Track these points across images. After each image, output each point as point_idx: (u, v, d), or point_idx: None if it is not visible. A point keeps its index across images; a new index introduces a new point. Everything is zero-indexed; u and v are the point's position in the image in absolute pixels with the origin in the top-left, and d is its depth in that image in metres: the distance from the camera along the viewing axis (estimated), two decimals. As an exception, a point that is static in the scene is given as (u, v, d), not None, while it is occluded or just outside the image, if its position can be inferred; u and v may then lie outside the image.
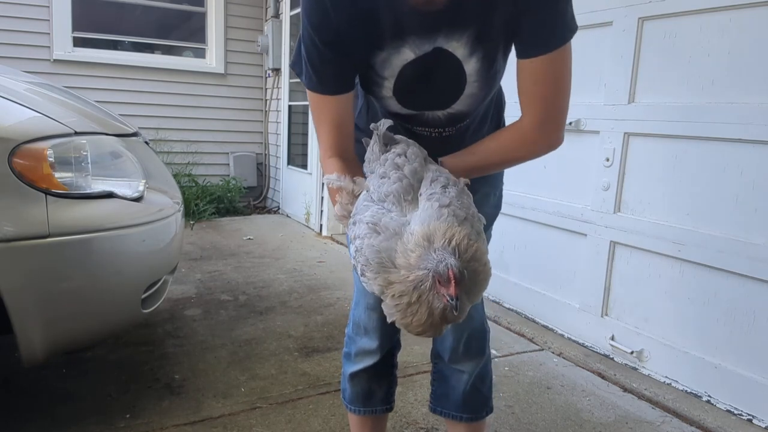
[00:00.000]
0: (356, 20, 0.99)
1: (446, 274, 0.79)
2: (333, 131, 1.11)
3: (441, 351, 1.35)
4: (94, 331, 1.77)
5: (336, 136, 1.11)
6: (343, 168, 1.08)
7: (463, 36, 0.99)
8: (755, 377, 1.92)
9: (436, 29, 0.99)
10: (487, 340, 1.37)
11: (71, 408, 1.91)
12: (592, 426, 1.94)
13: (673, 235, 2.16)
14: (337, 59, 1.03)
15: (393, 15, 0.99)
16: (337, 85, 1.07)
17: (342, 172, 1.07)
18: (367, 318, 1.31)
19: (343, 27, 0.99)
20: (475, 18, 0.98)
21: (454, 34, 0.99)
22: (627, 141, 2.33)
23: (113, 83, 5.21)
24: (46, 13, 4.93)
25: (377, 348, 1.33)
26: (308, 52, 1.04)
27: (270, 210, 5.97)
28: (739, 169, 1.95)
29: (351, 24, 0.99)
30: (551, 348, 2.55)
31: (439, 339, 1.34)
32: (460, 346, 1.31)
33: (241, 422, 1.87)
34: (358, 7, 0.98)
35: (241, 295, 3.13)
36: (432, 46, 1.02)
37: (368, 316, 1.31)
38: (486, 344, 1.37)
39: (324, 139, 1.12)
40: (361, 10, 0.98)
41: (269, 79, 5.87)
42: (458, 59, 1.03)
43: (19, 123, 1.59)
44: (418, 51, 1.02)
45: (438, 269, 0.79)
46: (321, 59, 1.03)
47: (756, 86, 1.89)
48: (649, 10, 2.21)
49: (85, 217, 1.62)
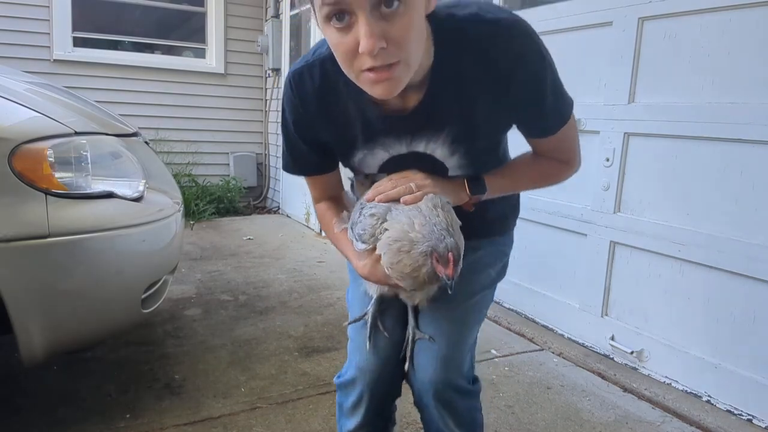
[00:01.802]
0: (327, 121, 0.99)
1: (446, 255, 0.82)
2: (319, 188, 1.15)
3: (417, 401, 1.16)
4: (94, 331, 1.77)
5: (323, 192, 1.15)
6: (333, 207, 1.13)
7: (440, 137, 0.96)
8: (755, 377, 1.92)
9: (407, 133, 0.97)
10: (475, 406, 1.17)
11: (71, 408, 1.91)
12: (592, 426, 1.94)
13: (673, 235, 2.16)
14: (312, 151, 1.06)
15: (362, 118, 0.96)
16: (314, 171, 1.11)
17: (332, 213, 1.12)
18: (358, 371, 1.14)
19: (316, 125, 1.01)
20: (449, 119, 0.94)
21: (429, 137, 0.96)
22: (627, 141, 2.33)
23: (113, 83, 5.21)
24: (46, 13, 4.93)
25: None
26: (286, 140, 1.08)
27: (270, 210, 5.97)
28: (739, 169, 1.95)
29: (322, 125, 1.00)
30: (551, 348, 2.55)
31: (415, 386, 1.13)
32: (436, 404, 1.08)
33: (241, 422, 1.87)
34: (328, 109, 0.97)
35: (241, 295, 3.13)
36: (407, 149, 0.99)
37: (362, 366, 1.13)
38: (476, 412, 1.17)
39: (312, 193, 1.17)
40: (331, 112, 0.97)
41: (269, 79, 5.87)
42: (438, 159, 1.01)
43: (19, 123, 1.59)
44: (393, 152, 1.01)
45: (438, 248, 0.83)
46: (299, 149, 1.06)
47: (756, 86, 1.89)
48: (649, 10, 2.21)
49: (85, 217, 1.62)
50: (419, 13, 0.78)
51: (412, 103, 0.92)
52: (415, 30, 0.78)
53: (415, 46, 0.79)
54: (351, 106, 0.95)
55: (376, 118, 0.95)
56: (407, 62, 0.79)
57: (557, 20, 2.61)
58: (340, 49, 0.78)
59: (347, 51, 0.76)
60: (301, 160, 1.09)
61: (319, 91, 0.95)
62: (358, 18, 0.73)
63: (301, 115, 1.00)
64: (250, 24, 5.83)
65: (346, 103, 0.95)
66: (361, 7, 0.71)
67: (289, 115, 1.02)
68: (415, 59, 0.81)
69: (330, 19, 0.75)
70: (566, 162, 1.07)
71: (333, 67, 0.90)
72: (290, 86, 0.98)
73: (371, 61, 0.75)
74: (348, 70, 0.81)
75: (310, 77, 0.95)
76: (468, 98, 0.91)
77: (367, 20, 0.72)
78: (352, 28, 0.74)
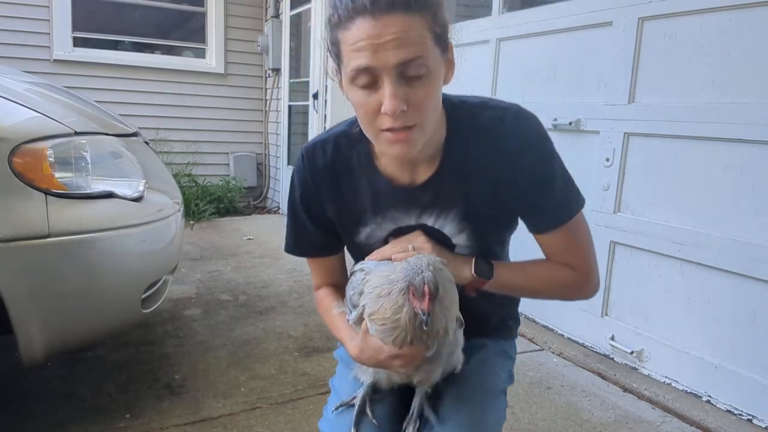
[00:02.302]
0: (336, 195, 1.00)
1: (421, 288, 0.78)
2: (321, 273, 1.13)
3: None
4: (94, 331, 1.77)
5: (325, 277, 1.12)
6: (333, 293, 1.09)
7: (449, 213, 0.97)
8: (755, 377, 1.92)
9: (417, 206, 0.97)
10: None
11: (71, 408, 1.91)
12: (592, 426, 1.94)
13: (673, 235, 2.16)
14: (317, 229, 1.05)
15: (372, 191, 0.98)
16: (318, 250, 1.10)
17: (332, 297, 1.08)
18: None
19: (324, 199, 1.01)
20: (457, 196, 0.96)
21: (439, 212, 0.97)
22: (627, 141, 2.33)
23: (113, 83, 5.21)
24: (46, 13, 4.93)
25: None
26: (291, 217, 1.07)
27: (270, 210, 5.97)
28: (739, 169, 1.95)
29: (331, 198, 1.01)
30: (551, 348, 2.55)
31: None
32: None
33: (241, 422, 1.87)
34: (338, 182, 1.00)
35: (241, 295, 3.13)
36: (416, 222, 0.99)
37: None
38: None
39: (314, 279, 1.14)
40: (341, 185, 1.00)
41: (269, 79, 5.87)
42: (446, 235, 1.00)
43: (19, 123, 1.59)
44: (401, 224, 1.00)
45: (414, 281, 0.78)
46: (303, 226, 1.06)
47: (756, 86, 1.89)
48: (649, 10, 2.21)
49: (85, 217, 1.62)
50: (439, 83, 0.86)
51: (423, 178, 0.96)
52: (434, 98, 0.85)
53: (432, 114, 0.86)
54: (362, 179, 0.99)
55: (387, 190, 0.97)
56: (423, 127, 0.84)
57: (557, 20, 2.60)
58: (363, 109, 0.84)
59: (370, 111, 0.83)
60: (305, 238, 1.08)
61: (331, 164, 1.00)
62: (384, 81, 0.80)
63: (311, 189, 1.02)
64: (250, 24, 5.83)
65: (357, 177, 0.99)
66: (388, 72, 0.79)
67: (298, 188, 1.04)
68: (430, 126, 0.87)
69: (356, 80, 0.82)
70: (581, 272, 1.02)
71: (346, 142, 0.98)
72: (302, 159, 1.02)
73: (391, 121, 0.81)
74: (368, 128, 0.86)
75: (322, 151, 1.00)
76: (476, 178, 0.95)
77: (392, 84, 0.79)
78: (377, 90, 0.81)
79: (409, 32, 0.78)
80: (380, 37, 0.77)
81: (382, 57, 0.78)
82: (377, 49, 0.78)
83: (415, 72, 0.80)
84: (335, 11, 0.83)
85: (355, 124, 0.96)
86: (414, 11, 0.79)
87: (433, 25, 0.82)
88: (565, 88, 2.61)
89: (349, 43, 0.80)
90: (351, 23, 0.80)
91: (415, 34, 0.79)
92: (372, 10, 0.78)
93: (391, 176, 0.97)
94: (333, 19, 0.83)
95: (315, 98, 4.83)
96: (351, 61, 0.81)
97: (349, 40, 0.80)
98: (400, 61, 0.78)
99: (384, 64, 0.78)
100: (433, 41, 0.82)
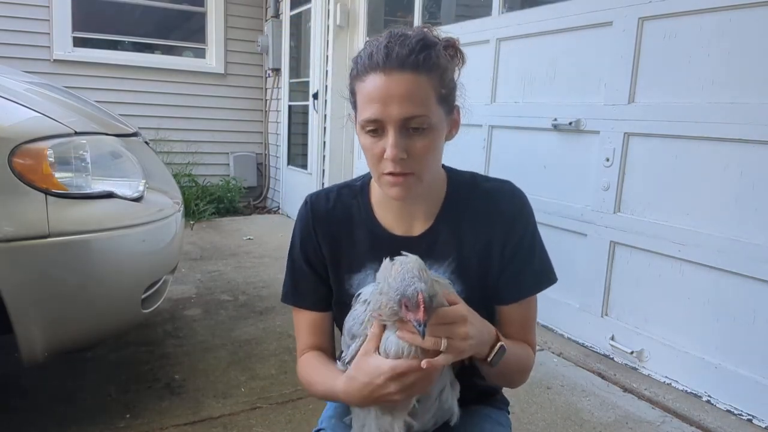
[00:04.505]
0: (335, 240, 1.06)
1: (414, 298, 0.77)
2: (310, 331, 1.13)
3: None
4: (94, 331, 1.77)
5: (314, 338, 1.12)
6: (321, 356, 1.08)
7: (443, 265, 1.01)
8: (755, 377, 1.92)
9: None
10: None
11: (71, 408, 1.91)
12: (592, 426, 1.94)
13: (673, 235, 2.16)
14: (315, 278, 1.09)
15: (370, 238, 1.04)
16: (314, 302, 1.11)
17: (320, 360, 1.06)
18: None
19: (323, 245, 1.06)
20: (450, 252, 1.01)
21: (433, 262, 1.00)
22: (627, 141, 2.33)
23: (113, 83, 5.22)
24: (46, 13, 4.93)
25: None
26: (290, 265, 1.11)
27: (270, 210, 5.97)
28: (739, 169, 1.95)
29: (329, 243, 1.06)
30: (551, 348, 2.55)
31: None
32: None
33: (241, 422, 1.87)
34: (338, 228, 1.06)
35: (241, 295, 3.13)
36: None
37: None
38: None
39: (300, 341, 1.14)
40: (341, 231, 1.05)
41: (269, 79, 5.87)
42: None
43: (19, 123, 1.59)
44: None
45: (407, 293, 0.77)
46: (301, 274, 1.10)
47: (756, 86, 1.89)
48: (649, 10, 2.21)
49: (85, 217, 1.62)
50: (439, 139, 0.94)
51: (419, 230, 1.03)
52: (433, 151, 0.93)
53: (430, 165, 0.94)
54: (361, 227, 1.05)
55: (385, 238, 1.03)
56: (420, 176, 0.93)
57: (557, 20, 2.61)
58: (370, 152, 0.93)
59: (375, 155, 0.92)
60: (302, 286, 1.11)
61: (333, 210, 1.07)
62: (389, 131, 0.89)
63: (311, 235, 1.07)
64: (250, 24, 5.83)
65: (357, 224, 1.06)
66: (392, 123, 0.88)
67: (299, 233, 1.09)
68: (428, 176, 0.95)
69: (365, 127, 0.91)
70: (530, 345, 1.07)
71: (348, 192, 1.08)
72: (306, 205, 1.09)
73: (392, 166, 0.90)
74: (373, 169, 0.96)
75: (326, 199, 1.08)
76: (469, 236, 1.01)
77: (395, 134, 0.88)
78: (383, 138, 0.90)
79: (415, 91, 0.87)
80: (389, 91, 0.87)
81: (389, 110, 0.87)
82: (385, 102, 0.87)
83: (418, 125, 0.88)
84: (355, 65, 0.93)
85: (358, 179, 1.08)
86: (422, 72, 0.87)
87: (439, 87, 0.90)
88: (565, 88, 2.61)
89: (363, 94, 0.90)
90: (366, 77, 0.89)
91: (421, 92, 0.88)
92: (384, 67, 0.87)
93: (388, 226, 1.04)
94: (353, 72, 0.93)
95: (315, 98, 4.84)
96: (363, 111, 0.91)
97: (363, 91, 0.90)
98: (404, 116, 0.87)
99: (389, 117, 0.87)
100: (438, 101, 0.90)
